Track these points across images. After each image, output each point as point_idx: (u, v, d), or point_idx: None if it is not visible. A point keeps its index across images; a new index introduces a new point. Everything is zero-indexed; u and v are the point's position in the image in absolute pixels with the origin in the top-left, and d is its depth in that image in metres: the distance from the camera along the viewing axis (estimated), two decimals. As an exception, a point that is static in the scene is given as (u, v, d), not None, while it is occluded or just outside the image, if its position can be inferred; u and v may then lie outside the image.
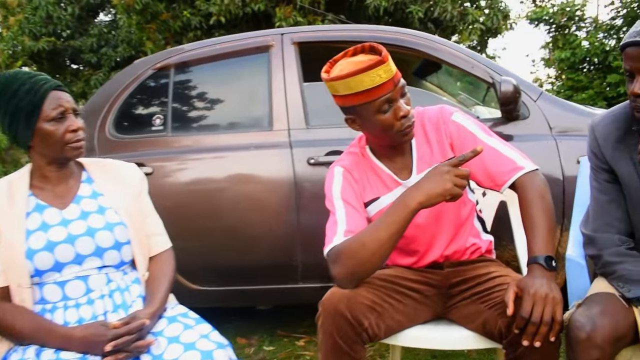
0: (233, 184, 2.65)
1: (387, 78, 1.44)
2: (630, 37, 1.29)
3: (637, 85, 1.29)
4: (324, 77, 1.51)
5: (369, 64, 1.43)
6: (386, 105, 1.47)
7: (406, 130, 1.52)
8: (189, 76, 3.00)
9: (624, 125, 1.43)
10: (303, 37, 2.82)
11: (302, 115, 2.66)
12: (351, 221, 1.52)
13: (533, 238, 1.41)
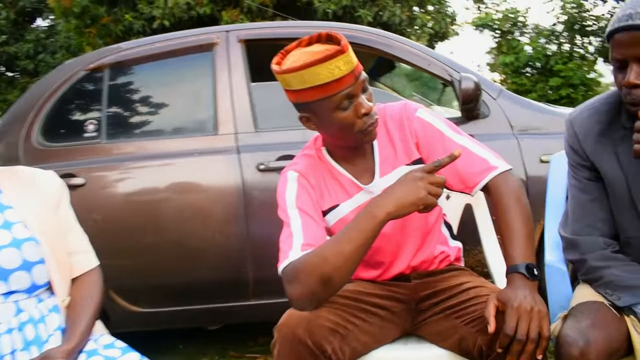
0: (175, 193, 2.45)
1: (347, 70, 1.28)
2: (619, 22, 1.16)
3: (633, 74, 1.16)
4: (275, 70, 1.33)
5: (327, 54, 1.26)
6: (346, 102, 1.31)
7: (368, 129, 1.36)
8: (125, 77, 2.77)
9: (605, 118, 1.32)
10: (250, 35, 2.64)
11: (250, 117, 2.47)
12: (309, 233, 1.34)
13: (512, 245, 1.27)
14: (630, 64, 1.15)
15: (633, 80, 1.15)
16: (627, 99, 1.18)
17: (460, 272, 1.55)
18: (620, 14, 1.16)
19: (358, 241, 1.23)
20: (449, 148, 1.40)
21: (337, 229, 1.46)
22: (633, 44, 1.14)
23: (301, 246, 1.31)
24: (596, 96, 1.39)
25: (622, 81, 1.18)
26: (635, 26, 1.12)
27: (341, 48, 1.27)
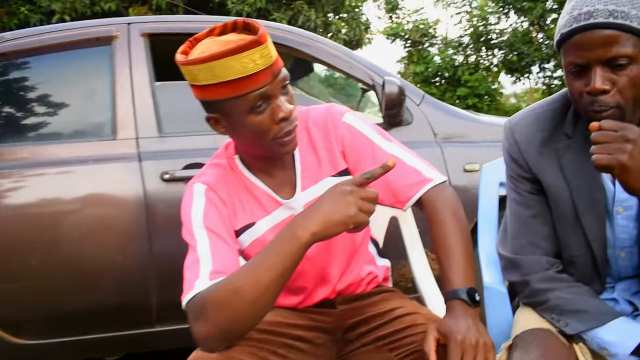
0: (67, 207, 2.14)
1: (263, 65, 1.09)
2: (577, 22, 1.03)
3: (599, 79, 1.03)
4: (179, 60, 1.12)
5: (240, 44, 1.06)
6: (261, 103, 1.12)
7: (286, 138, 1.17)
8: (9, 72, 2.41)
9: (548, 125, 1.21)
10: (155, 28, 2.38)
11: (153, 120, 2.21)
12: (219, 258, 1.13)
13: (450, 267, 1.13)
14: (594, 68, 1.03)
15: (600, 86, 1.02)
16: (592, 107, 1.05)
17: (391, 295, 1.41)
18: (576, 13, 1.04)
19: (278, 268, 1.04)
20: (379, 158, 1.25)
21: (252, 251, 1.27)
22: (597, 45, 1.02)
23: (209, 274, 1.10)
24: (537, 102, 1.28)
25: (582, 88, 1.06)
26: (599, 24, 1.01)
27: (257, 38, 1.07)
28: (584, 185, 1.15)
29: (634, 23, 1.00)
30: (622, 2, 1.01)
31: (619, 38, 1.00)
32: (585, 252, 1.18)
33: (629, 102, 1.03)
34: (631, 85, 1.02)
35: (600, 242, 1.16)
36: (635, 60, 1.01)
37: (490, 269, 1.34)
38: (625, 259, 1.19)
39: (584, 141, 1.13)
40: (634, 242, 1.16)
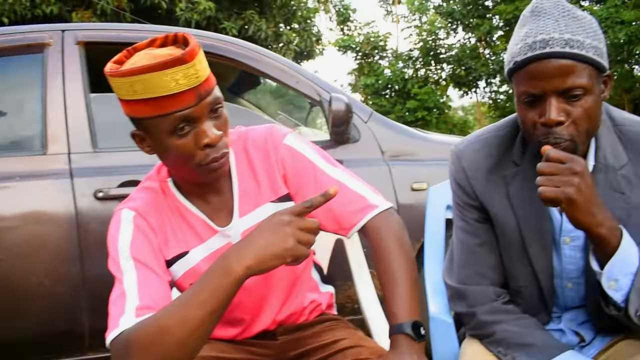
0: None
1: (187, 86, 1.01)
2: (533, 51, 0.99)
3: (554, 110, 0.99)
4: (105, 70, 1.04)
5: (163, 60, 0.98)
6: (184, 125, 1.04)
7: (212, 166, 1.08)
8: None
9: (496, 152, 1.17)
10: (91, 36, 2.26)
11: (87, 134, 2.09)
12: (146, 292, 1.04)
13: (394, 299, 1.08)
14: (549, 99, 0.99)
15: (555, 118, 0.99)
16: (547, 139, 1.01)
17: (335, 324, 1.34)
18: (530, 40, 1.00)
19: (210, 304, 0.95)
20: (322, 182, 1.19)
21: (186, 282, 1.18)
22: (553, 75, 0.98)
23: (136, 310, 1.01)
24: (485, 127, 1.25)
25: (536, 118, 1.02)
26: (555, 54, 0.97)
27: (182, 56, 0.99)
28: (531, 215, 1.12)
29: (589, 53, 0.97)
30: (577, 31, 0.98)
31: (575, 68, 0.97)
32: (531, 283, 1.15)
33: (582, 135, 1.01)
34: (585, 117, 1.00)
35: (547, 273, 1.14)
36: (590, 91, 0.99)
37: (437, 298, 1.29)
38: (572, 289, 1.16)
39: (532, 169, 1.10)
40: (581, 272, 1.14)
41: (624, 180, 1.06)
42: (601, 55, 0.99)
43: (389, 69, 15.52)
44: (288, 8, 8.24)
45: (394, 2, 17.25)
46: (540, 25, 0.99)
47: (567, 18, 0.99)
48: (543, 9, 1.01)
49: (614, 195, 1.06)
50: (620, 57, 12.84)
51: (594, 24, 1.01)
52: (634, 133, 1.09)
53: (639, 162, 1.06)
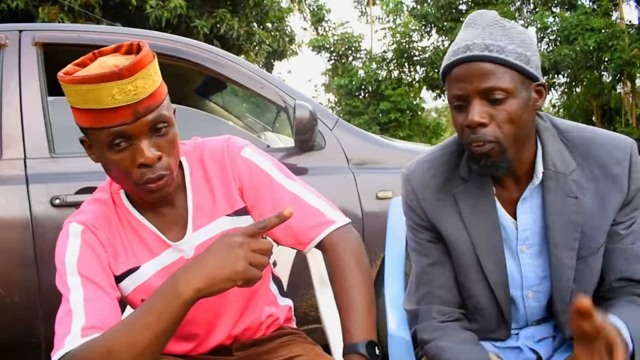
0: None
1: (123, 102, 0.97)
2: (456, 55, 1.03)
3: (477, 112, 1.02)
4: (59, 74, 1.00)
5: (101, 73, 0.95)
6: (120, 141, 1.01)
7: (147, 187, 1.05)
8: None
9: (443, 170, 1.17)
10: (50, 37, 2.18)
11: (44, 139, 2.02)
12: (93, 310, 1.01)
13: (350, 318, 1.06)
14: (472, 101, 1.02)
15: (477, 119, 1.01)
16: (470, 139, 1.04)
17: (292, 339, 1.32)
18: (456, 47, 1.04)
19: (156, 327, 0.93)
20: (279, 196, 1.17)
21: (137, 297, 1.15)
22: (473, 76, 1.01)
23: (81, 330, 0.98)
24: (434, 146, 1.26)
25: (463, 121, 1.04)
26: (476, 57, 1.01)
27: (120, 71, 0.95)
28: (483, 230, 1.13)
29: (509, 57, 1.00)
30: (500, 38, 1.02)
31: (495, 71, 1.00)
32: (488, 299, 1.15)
33: (508, 138, 1.03)
34: (508, 120, 1.01)
35: (502, 287, 1.14)
36: (513, 95, 1.01)
37: (395, 314, 1.28)
38: (533, 299, 1.17)
39: (479, 184, 1.12)
40: (541, 279, 1.15)
41: (575, 185, 1.08)
42: (527, 62, 1.01)
43: (362, 70, 15.57)
44: (261, 7, 8.18)
45: (368, 3, 17.30)
46: (467, 33, 1.04)
47: (493, 27, 1.03)
48: (474, 21, 1.05)
49: (568, 201, 1.08)
50: (590, 63, 13.09)
51: (523, 34, 1.04)
52: (578, 138, 1.12)
53: (586, 166, 1.09)
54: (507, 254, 1.15)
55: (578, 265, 1.09)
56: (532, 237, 1.13)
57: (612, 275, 1.11)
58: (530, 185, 1.10)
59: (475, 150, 1.03)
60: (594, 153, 1.09)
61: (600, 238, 1.08)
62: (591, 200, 1.08)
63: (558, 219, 1.08)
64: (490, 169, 1.05)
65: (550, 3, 14.94)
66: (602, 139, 1.10)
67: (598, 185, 1.08)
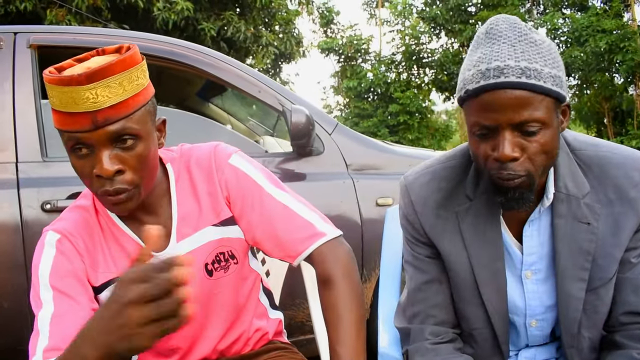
0: None
1: (83, 109, 0.93)
2: (486, 79, 0.88)
3: (508, 145, 0.90)
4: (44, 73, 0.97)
5: (62, 77, 0.92)
6: (81, 147, 0.97)
7: (108, 199, 1.00)
8: None
9: (446, 185, 1.08)
10: (44, 40, 2.15)
11: (36, 143, 1.98)
12: (58, 330, 0.97)
13: (338, 337, 1.01)
14: (502, 132, 0.90)
15: (510, 154, 0.90)
16: (500, 175, 0.93)
17: (281, 354, 1.27)
18: (484, 67, 0.89)
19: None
20: (267, 206, 1.12)
21: None
22: (507, 107, 0.88)
23: (44, 353, 0.94)
24: (435, 157, 1.16)
25: (489, 152, 0.93)
26: (510, 84, 0.87)
27: (78, 77, 0.91)
28: (485, 254, 1.05)
29: (547, 84, 0.88)
30: (535, 58, 0.88)
31: (532, 100, 0.88)
32: (484, 325, 1.08)
33: (538, 169, 0.93)
34: (542, 152, 0.91)
35: (501, 315, 1.07)
36: (548, 125, 0.90)
37: (387, 331, 1.22)
38: (536, 327, 1.10)
39: (486, 204, 1.03)
40: (546, 308, 1.07)
41: (588, 209, 0.99)
42: (560, 85, 0.90)
43: (371, 72, 15.50)
44: (268, 10, 8.14)
45: (377, 6, 17.24)
46: (494, 50, 0.90)
47: (524, 43, 0.89)
48: (498, 32, 0.91)
49: (579, 227, 1.00)
50: (601, 65, 12.95)
51: (552, 50, 0.92)
52: (592, 157, 1.02)
53: (600, 188, 1.00)
54: (511, 279, 1.07)
55: (588, 296, 1.01)
56: (539, 261, 1.05)
57: (619, 309, 1.02)
58: (540, 207, 1.02)
59: (504, 185, 0.94)
60: (609, 174, 1.00)
61: (612, 267, 1.00)
62: (604, 226, 0.99)
63: (567, 246, 1.00)
64: (518, 202, 0.95)
65: (561, 4, 14.80)
66: (619, 159, 1.00)
67: (613, 210, 0.99)
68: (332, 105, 17.51)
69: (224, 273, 1.14)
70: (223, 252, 1.14)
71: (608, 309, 1.03)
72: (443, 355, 1.06)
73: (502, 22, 0.92)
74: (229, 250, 1.14)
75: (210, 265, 1.13)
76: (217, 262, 1.14)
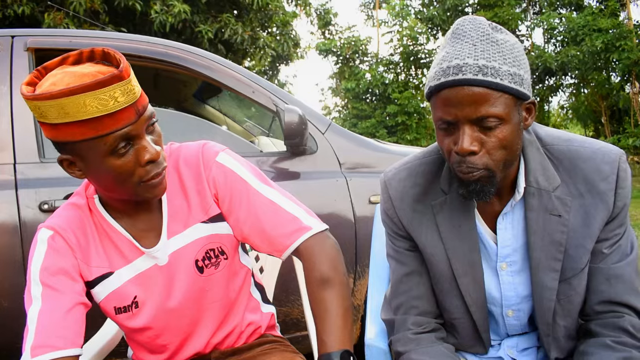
0: None
1: (126, 103, 0.96)
2: (446, 76, 0.93)
3: (467, 139, 0.94)
4: (23, 93, 0.96)
5: (98, 79, 0.92)
6: (124, 144, 0.99)
7: (154, 182, 1.04)
8: None
9: (422, 180, 1.12)
10: (41, 43, 2.18)
11: (34, 144, 2.01)
12: (45, 326, 1.01)
13: (325, 327, 1.04)
14: (462, 127, 0.94)
15: (467, 147, 0.94)
16: (460, 168, 0.97)
17: (273, 347, 1.30)
18: (444, 65, 0.93)
19: None
20: (254, 202, 1.15)
21: (109, 304, 1.14)
22: (465, 102, 0.92)
23: (31, 350, 0.99)
24: (413, 154, 1.20)
25: (451, 145, 0.97)
26: (468, 81, 0.91)
27: (119, 73, 0.94)
28: (460, 246, 1.08)
29: (504, 81, 0.91)
30: (494, 56, 0.92)
31: (489, 97, 0.91)
32: (463, 315, 1.12)
33: (498, 164, 0.96)
34: (501, 147, 0.95)
35: (479, 305, 1.10)
36: (506, 120, 0.94)
37: (375, 323, 1.25)
38: (513, 317, 1.13)
39: (459, 197, 1.06)
40: (521, 299, 1.10)
41: (559, 202, 1.03)
42: (520, 83, 0.94)
43: (369, 73, 15.52)
44: (265, 12, 8.17)
45: (374, 7, 17.27)
46: (457, 49, 0.94)
47: (485, 42, 0.93)
48: (463, 32, 0.95)
49: (551, 219, 1.03)
50: (598, 64, 12.98)
51: (515, 49, 0.95)
52: (563, 152, 1.05)
53: (571, 181, 1.03)
54: (487, 271, 1.10)
55: (561, 286, 1.04)
56: (513, 254, 1.08)
57: (594, 298, 1.05)
58: (512, 201, 1.05)
59: (464, 177, 0.98)
60: (579, 168, 1.03)
61: (584, 258, 1.03)
62: (575, 218, 1.02)
63: (540, 238, 1.03)
64: (479, 194, 0.99)
65: (557, 4, 14.84)
66: (589, 153, 1.04)
67: (583, 202, 1.02)
68: (331, 107, 17.53)
69: (215, 269, 1.17)
70: (213, 249, 1.17)
71: (582, 299, 1.06)
72: (424, 344, 1.09)
73: (468, 23, 0.96)
74: (218, 246, 1.17)
75: (201, 261, 1.16)
76: (208, 259, 1.17)
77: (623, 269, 1.03)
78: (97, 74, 0.95)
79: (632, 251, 1.05)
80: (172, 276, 1.15)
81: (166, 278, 1.15)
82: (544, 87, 14.90)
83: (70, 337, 1.03)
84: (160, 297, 1.15)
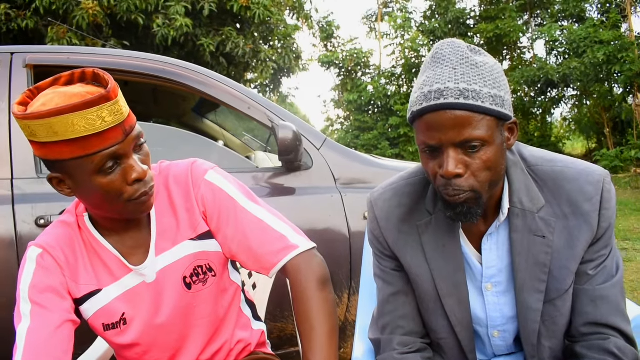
0: None
1: (113, 123, 0.98)
2: (428, 101, 0.94)
3: (452, 162, 0.94)
4: (15, 113, 0.98)
5: (87, 99, 0.95)
6: (111, 163, 1.01)
7: (141, 199, 1.06)
8: None
9: (407, 201, 1.13)
10: (40, 60, 2.21)
11: (31, 159, 2.04)
12: (32, 345, 1.03)
13: (310, 345, 1.05)
14: (446, 150, 0.95)
15: (453, 170, 0.94)
16: (446, 191, 0.98)
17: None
18: (426, 90, 0.94)
19: None
20: (242, 220, 1.17)
21: (98, 321, 1.15)
22: (448, 126, 0.93)
23: None
24: (399, 174, 1.21)
25: (436, 169, 0.98)
26: (449, 105, 0.92)
27: (107, 93, 0.97)
28: (445, 266, 1.08)
29: (485, 103, 0.92)
30: (474, 79, 0.93)
31: (471, 120, 0.92)
32: (450, 335, 1.12)
33: (484, 185, 0.97)
34: (485, 168, 0.95)
35: (464, 326, 1.10)
36: (489, 142, 0.94)
37: (362, 341, 1.25)
38: (499, 338, 1.13)
39: (445, 218, 1.07)
40: (507, 320, 1.10)
41: (543, 223, 1.03)
42: (501, 104, 0.94)
43: (371, 85, 15.57)
44: (267, 25, 8.24)
45: (377, 20, 17.37)
46: (437, 73, 0.95)
47: (465, 66, 0.94)
48: (442, 56, 0.96)
49: (535, 240, 1.03)
50: (600, 76, 12.99)
51: (495, 71, 0.96)
52: (548, 172, 1.06)
53: (555, 202, 1.03)
54: (472, 291, 1.11)
55: (546, 308, 1.04)
56: (498, 274, 1.08)
57: (579, 320, 1.05)
58: (496, 222, 1.06)
59: (451, 200, 0.98)
60: (564, 189, 1.03)
61: (568, 279, 1.03)
62: (559, 239, 1.02)
63: (524, 259, 1.03)
64: (466, 216, 0.99)
65: (558, 16, 14.89)
66: (573, 174, 1.04)
67: (567, 223, 1.02)
68: (333, 119, 17.56)
69: (203, 286, 1.19)
70: (201, 266, 1.18)
71: (567, 320, 1.06)
72: None
73: (447, 47, 0.97)
74: (206, 263, 1.19)
75: (189, 278, 1.17)
76: (196, 275, 1.18)
77: (608, 290, 1.03)
78: (86, 95, 0.97)
79: (618, 272, 1.05)
80: (160, 293, 1.16)
81: (154, 295, 1.16)
82: (546, 99, 14.90)
83: (57, 355, 1.04)
84: (148, 314, 1.16)
